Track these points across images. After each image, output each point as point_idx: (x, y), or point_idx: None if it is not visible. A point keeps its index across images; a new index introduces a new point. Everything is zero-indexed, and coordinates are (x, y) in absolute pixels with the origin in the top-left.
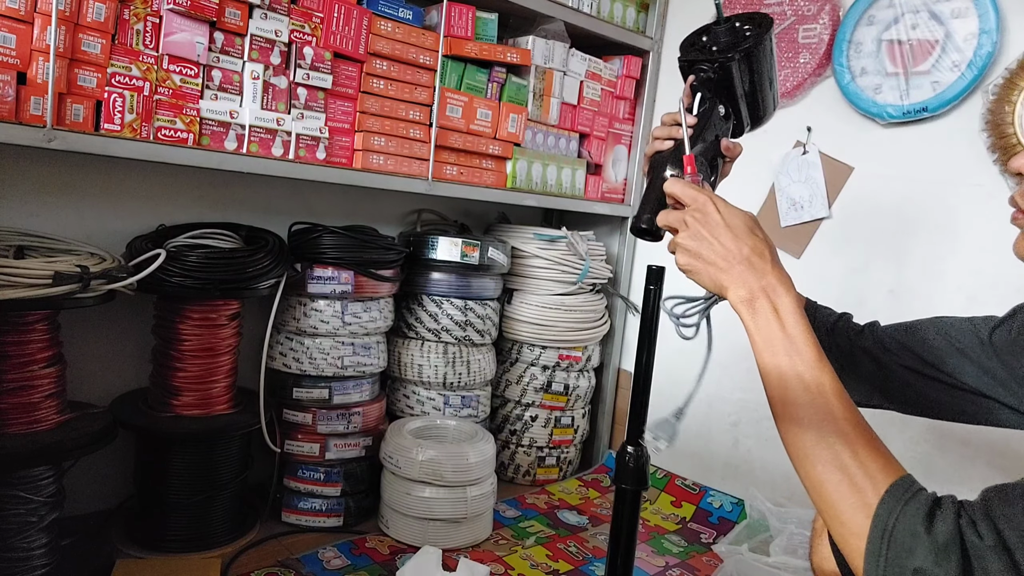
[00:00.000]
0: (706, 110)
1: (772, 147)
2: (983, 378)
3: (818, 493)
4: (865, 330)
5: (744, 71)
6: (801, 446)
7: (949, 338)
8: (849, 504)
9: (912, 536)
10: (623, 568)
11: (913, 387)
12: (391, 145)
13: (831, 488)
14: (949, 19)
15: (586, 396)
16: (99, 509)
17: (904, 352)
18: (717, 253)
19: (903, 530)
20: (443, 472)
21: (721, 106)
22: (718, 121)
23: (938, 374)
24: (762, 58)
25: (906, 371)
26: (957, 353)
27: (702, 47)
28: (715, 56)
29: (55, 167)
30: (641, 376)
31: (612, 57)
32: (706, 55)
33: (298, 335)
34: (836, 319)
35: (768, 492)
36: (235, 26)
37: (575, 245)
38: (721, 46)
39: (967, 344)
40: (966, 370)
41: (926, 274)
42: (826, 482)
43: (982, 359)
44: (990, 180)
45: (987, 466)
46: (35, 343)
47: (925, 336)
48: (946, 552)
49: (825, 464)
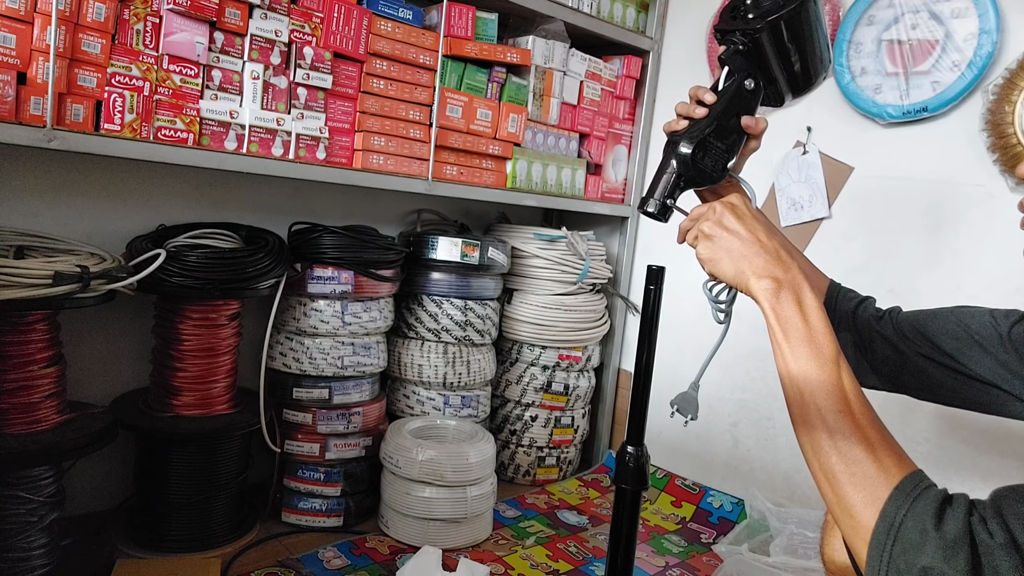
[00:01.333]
0: (730, 86)
1: (772, 147)
2: (999, 371)
3: (830, 485)
4: (885, 316)
5: (777, 42)
6: (816, 438)
7: (968, 329)
8: (860, 498)
9: (921, 533)
10: (623, 568)
11: (928, 374)
12: (391, 145)
13: (843, 480)
14: (949, 19)
15: (586, 396)
16: (99, 509)
17: (922, 340)
18: (744, 242)
19: (911, 527)
20: (443, 472)
21: (749, 79)
22: (742, 98)
23: (954, 364)
24: (803, 24)
25: (922, 359)
26: (975, 345)
27: (740, 14)
28: (748, 26)
29: (55, 167)
30: (641, 376)
31: (612, 57)
32: (739, 23)
33: (298, 335)
34: (859, 302)
35: (768, 492)
36: (235, 26)
37: (575, 245)
38: (758, 12)
39: (985, 336)
40: (983, 362)
41: (926, 274)
42: (839, 474)
43: (999, 352)
44: (990, 180)
45: (988, 464)
46: (35, 343)
47: (944, 326)
48: (955, 549)
49: (839, 456)
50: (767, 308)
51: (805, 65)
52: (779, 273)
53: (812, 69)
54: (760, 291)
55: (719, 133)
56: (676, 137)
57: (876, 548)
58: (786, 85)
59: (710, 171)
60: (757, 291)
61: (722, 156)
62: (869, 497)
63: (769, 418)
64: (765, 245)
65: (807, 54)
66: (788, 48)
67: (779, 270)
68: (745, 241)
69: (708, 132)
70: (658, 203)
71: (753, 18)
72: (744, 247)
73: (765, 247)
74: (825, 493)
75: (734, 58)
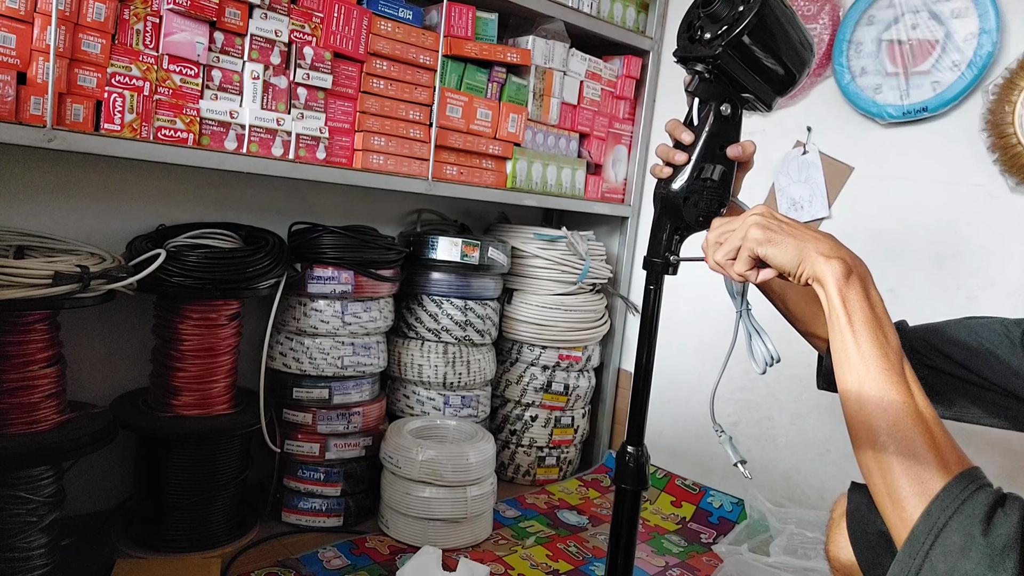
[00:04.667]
0: (705, 117)
1: (772, 147)
2: (1013, 380)
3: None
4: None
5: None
6: (874, 427)
7: (980, 338)
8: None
9: (967, 537)
10: (623, 568)
11: (937, 390)
12: (391, 145)
13: (898, 470)
14: (949, 19)
15: (586, 396)
16: (99, 509)
17: (932, 353)
18: (804, 228)
19: (956, 529)
20: (443, 472)
21: (724, 104)
22: (721, 127)
23: (967, 374)
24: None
25: (932, 372)
26: (987, 354)
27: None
28: (707, 51)
29: (55, 167)
30: (641, 376)
31: (612, 57)
32: (699, 48)
33: (298, 335)
34: None
35: (768, 492)
36: (235, 26)
37: (575, 245)
38: (715, 32)
39: (997, 344)
40: (996, 370)
41: (926, 274)
42: (894, 464)
43: (1012, 360)
44: (990, 180)
45: (988, 464)
46: (35, 343)
47: (955, 336)
48: (1003, 557)
49: (896, 446)
50: (833, 289)
51: (785, 64)
52: (847, 256)
53: (794, 65)
54: (828, 271)
55: (708, 172)
56: (664, 187)
57: (910, 547)
58: (769, 91)
59: (703, 216)
60: (825, 270)
61: (717, 193)
62: (921, 490)
63: (769, 418)
64: (825, 235)
65: (783, 53)
66: (758, 58)
67: (847, 254)
68: (804, 228)
69: (694, 175)
70: (661, 263)
71: (711, 39)
72: (807, 232)
73: (827, 235)
74: (875, 482)
75: (701, 87)
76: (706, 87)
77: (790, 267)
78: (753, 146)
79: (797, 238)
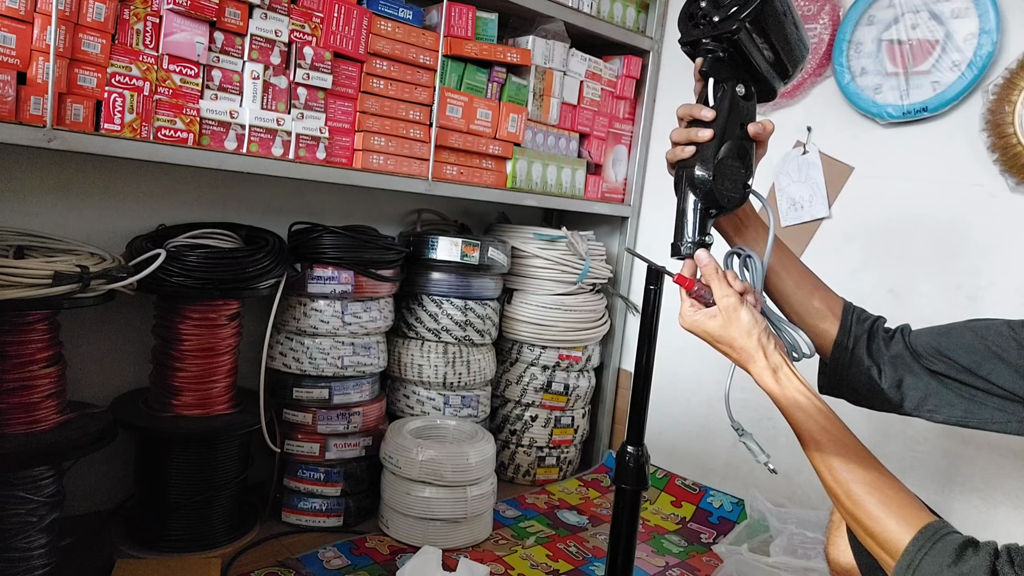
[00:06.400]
0: (722, 97)
1: (772, 147)
2: (1020, 383)
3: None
4: (896, 335)
5: (760, 34)
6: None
7: (986, 341)
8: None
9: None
10: (623, 568)
11: (940, 395)
12: (391, 145)
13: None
14: (949, 19)
15: (586, 396)
16: (99, 509)
17: (937, 357)
18: (740, 341)
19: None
20: (443, 472)
21: (740, 85)
22: (740, 106)
23: (972, 379)
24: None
25: (936, 377)
26: (993, 357)
27: (702, 19)
28: (720, 29)
29: (55, 167)
30: (641, 376)
31: (612, 57)
32: (708, 30)
33: (298, 335)
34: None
35: (768, 492)
36: (235, 26)
37: (575, 245)
38: (723, 12)
39: (1004, 347)
40: (1003, 374)
41: (926, 274)
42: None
43: (1019, 363)
44: (990, 180)
45: (988, 464)
46: (35, 343)
47: (961, 340)
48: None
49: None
50: (770, 386)
51: (789, 47)
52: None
53: (797, 50)
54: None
55: (731, 150)
56: (687, 166)
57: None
58: (775, 75)
59: (732, 193)
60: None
61: (741, 174)
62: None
63: (769, 418)
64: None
65: (790, 35)
66: (770, 37)
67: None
68: (737, 342)
69: (721, 151)
70: (691, 245)
71: (722, 20)
72: (738, 343)
73: (752, 344)
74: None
75: (716, 66)
76: (721, 66)
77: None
78: (772, 125)
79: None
